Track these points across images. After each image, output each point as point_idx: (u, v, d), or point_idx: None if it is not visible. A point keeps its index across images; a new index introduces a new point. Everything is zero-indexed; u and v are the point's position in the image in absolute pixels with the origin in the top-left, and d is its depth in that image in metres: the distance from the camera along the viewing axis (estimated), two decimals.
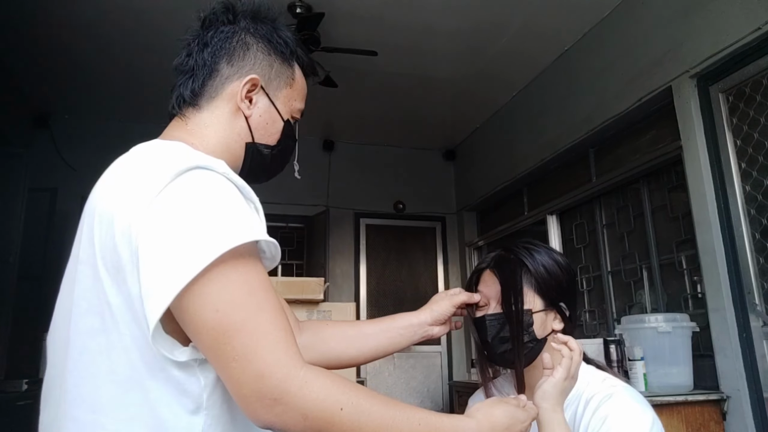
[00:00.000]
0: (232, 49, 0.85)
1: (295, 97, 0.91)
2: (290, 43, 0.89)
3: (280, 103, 0.88)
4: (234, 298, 0.64)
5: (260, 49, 0.86)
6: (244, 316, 0.64)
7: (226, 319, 0.63)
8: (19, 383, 3.44)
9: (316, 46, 3.27)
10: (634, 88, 2.97)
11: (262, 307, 0.65)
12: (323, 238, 4.78)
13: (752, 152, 2.42)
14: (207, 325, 0.63)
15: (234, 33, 0.85)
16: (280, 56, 0.88)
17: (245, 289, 0.65)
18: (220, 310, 0.63)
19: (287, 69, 0.89)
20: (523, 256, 1.11)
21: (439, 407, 4.88)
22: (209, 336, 0.64)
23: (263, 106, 0.86)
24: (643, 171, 3.07)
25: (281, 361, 0.63)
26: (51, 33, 3.37)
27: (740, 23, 2.37)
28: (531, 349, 1.05)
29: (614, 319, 3.26)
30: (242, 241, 0.66)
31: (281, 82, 0.88)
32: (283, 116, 0.88)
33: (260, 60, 0.86)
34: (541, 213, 4.01)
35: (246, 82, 0.84)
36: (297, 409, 0.62)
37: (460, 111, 4.57)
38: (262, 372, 0.62)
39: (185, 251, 0.64)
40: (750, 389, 2.30)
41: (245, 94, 0.84)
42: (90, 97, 4.23)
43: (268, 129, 0.87)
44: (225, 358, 0.63)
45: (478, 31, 3.41)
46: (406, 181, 5.22)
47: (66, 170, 4.33)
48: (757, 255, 2.38)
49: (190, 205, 0.67)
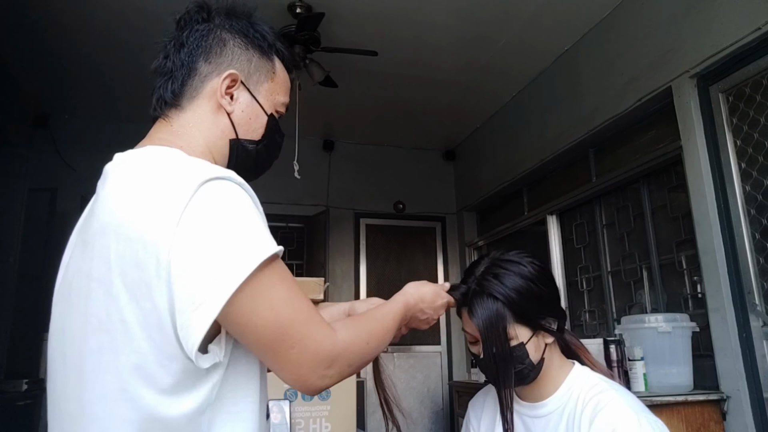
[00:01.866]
0: (208, 47, 0.85)
1: (278, 90, 0.90)
2: (268, 37, 0.89)
3: (262, 97, 0.87)
4: (283, 296, 0.72)
5: (237, 44, 0.86)
6: (294, 309, 0.72)
7: (282, 314, 0.71)
8: (19, 383, 3.44)
9: (316, 46, 3.27)
10: (634, 88, 2.97)
11: (301, 299, 0.74)
12: (323, 238, 4.78)
13: (752, 152, 2.42)
14: (266, 322, 0.70)
15: (209, 30, 0.86)
16: (258, 50, 0.88)
17: (286, 287, 0.73)
18: (274, 307, 0.71)
19: (267, 62, 0.88)
20: (493, 289, 1.05)
21: (439, 407, 4.88)
22: (268, 332, 0.70)
23: (245, 101, 0.86)
24: (643, 171, 3.07)
25: (327, 336, 0.74)
26: (51, 33, 3.37)
27: (740, 23, 2.37)
28: (531, 371, 1.05)
29: (614, 319, 3.26)
30: (275, 250, 0.73)
31: (262, 76, 0.88)
32: (266, 110, 0.88)
33: (238, 55, 0.86)
34: (541, 213, 4.01)
35: (225, 77, 0.84)
36: (345, 363, 0.76)
37: (460, 111, 4.57)
38: (317, 349, 0.72)
39: (228, 261, 0.68)
40: (750, 389, 2.30)
41: (225, 90, 0.84)
42: (90, 97, 4.23)
43: (252, 124, 0.86)
44: (284, 348, 0.71)
45: (479, 31, 3.41)
46: (406, 181, 5.22)
47: (66, 170, 4.33)
48: (757, 255, 2.38)
49: (221, 217, 0.70)
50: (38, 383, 3.72)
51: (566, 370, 1.10)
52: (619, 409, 0.98)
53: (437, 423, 4.84)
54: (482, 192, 4.74)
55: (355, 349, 0.79)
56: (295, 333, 0.71)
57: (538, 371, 1.05)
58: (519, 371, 1.04)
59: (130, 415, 0.69)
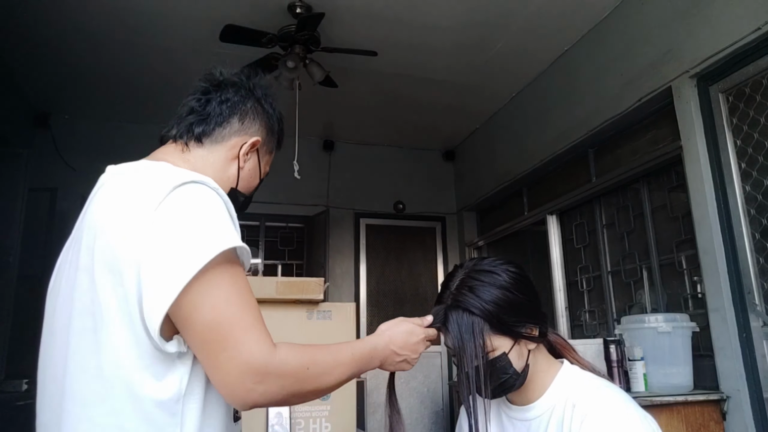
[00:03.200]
0: (246, 110, 1.00)
1: (270, 162, 1.09)
2: (280, 122, 1.08)
3: (263, 165, 1.05)
4: (227, 297, 0.75)
5: (263, 119, 1.03)
6: (234, 312, 0.75)
7: (220, 315, 0.74)
8: (19, 383, 3.44)
9: (316, 46, 3.27)
10: (634, 88, 2.97)
11: (247, 305, 0.76)
12: (323, 238, 4.78)
13: (752, 152, 2.42)
14: (204, 320, 0.74)
15: (249, 98, 1.01)
16: (270, 129, 1.05)
17: (234, 289, 0.76)
18: (216, 307, 0.74)
19: (272, 140, 1.07)
20: (469, 304, 1.02)
21: (439, 407, 4.88)
22: (203, 330, 0.74)
23: (253, 163, 1.02)
24: (643, 171, 3.07)
25: (263, 349, 0.74)
26: (51, 33, 3.37)
27: (740, 23, 2.37)
28: (517, 379, 1.04)
29: (614, 319, 3.26)
30: (229, 246, 0.77)
31: (267, 149, 1.06)
32: (261, 176, 1.05)
33: (262, 127, 1.03)
34: (541, 213, 4.01)
35: (253, 141, 1.00)
36: (277, 383, 0.74)
37: (460, 111, 4.57)
38: (247, 359, 0.72)
39: (182, 257, 0.74)
40: (750, 389, 2.30)
41: (248, 149, 1.00)
42: (90, 97, 4.23)
43: (249, 182, 1.03)
44: (215, 350, 0.73)
45: (479, 32, 3.41)
46: (406, 181, 5.22)
47: (66, 170, 4.33)
48: (757, 255, 2.38)
49: (185, 216, 0.78)
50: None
51: (554, 371, 1.09)
52: (609, 405, 0.98)
53: (437, 423, 4.84)
54: (482, 192, 4.74)
55: (291, 371, 0.76)
56: (230, 337, 0.73)
57: (524, 378, 1.04)
58: (504, 381, 1.02)
59: (105, 392, 0.75)
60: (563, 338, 1.18)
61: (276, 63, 3.30)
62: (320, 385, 0.82)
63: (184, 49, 3.57)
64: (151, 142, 3.50)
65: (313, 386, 0.81)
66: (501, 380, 1.02)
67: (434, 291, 5.12)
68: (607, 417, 0.97)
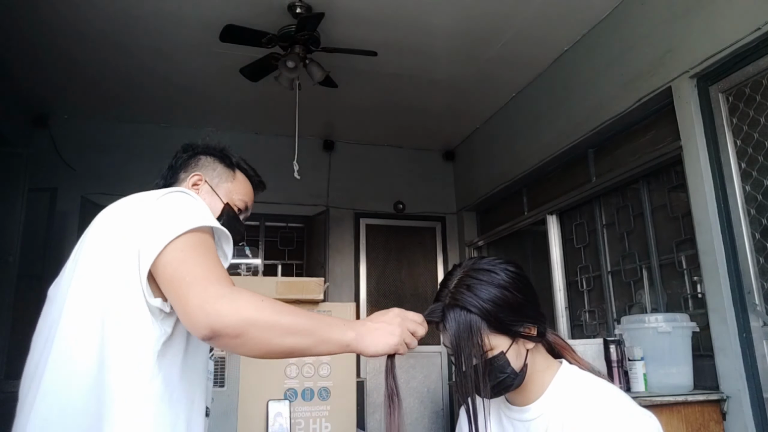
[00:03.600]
0: (187, 164, 1.27)
1: (236, 191, 1.26)
2: (233, 158, 1.29)
3: (221, 192, 1.24)
4: (194, 246, 0.92)
5: (207, 160, 1.27)
6: (198, 258, 0.90)
7: (186, 256, 0.90)
8: (19, 383, 3.44)
9: (316, 46, 3.27)
10: (634, 88, 2.97)
11: (209, 258, 0.92)
12: (323, 238, 4.78)
13: (752, 152, 2.42)
14: (174, 259, 0.90)
15: (191, 156, 1.28)
16: (223, 164, 1.27)
17: (201, 247, 0.93)
18: (183, 251, 0.90)
19: (228, 171, 1.27)
20: (467, 302, 1.02)
21: (439, 407, 4.88)
22: (174, 270, 0.89)
23: (205, 193, 1.22)
24: (642, 171, 3.07)
25: (217, 282, 0.87)
26: (51, 33, 3.37)
27: (740, 23, 2.37)
28: (515, 379, 1.04)
29: (614, 319, 3.26)
30: (205, 223, 0.96)
31: (223, 179, 1.26)
32: (222, 199, 1.23)
33: (205, 166, 1.26)
34: (541, 213, 4.01)
35: (191, 176, 1.23)
36: (230, 301, 0.84)
37: (459, 111, 4.57)
38: (204, 287, 0.85)
39: (168, 228, 0.92)
40: (750, 389, 2.30)
41: (191, 185, 1.22)
42: (89, 97, 4.23)
43: (211, 208, 1.12)
44: (180, 284, 0.87)
45: (479, 31, 3.41)
46: (406, 181, 5.22)
47: (66, 170, 4.33)
48: (757, 255, 2.38)
49: (175, 205, 0.99)
50: None
51: (552, 371, 1.08)
52: (611, 404, 0.99)
53: (437, 423, 4.84)
54: (482, 192, 4.74)
55: (245, 299, 0.85)
56: (191, 273, 0.88)
57: (522, 378, 1.04)
58: (502, 380, 1.02)
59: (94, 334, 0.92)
60: (562, 338, 1.17)
61: (276, 63, 3.30)
62: (281, 319, 0.86)
63: (184, 49, 3.57)
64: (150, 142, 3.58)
65: (272, 318, 0.85)
66: (499, 379, 1.02)
67: (434, 291, 5.10)
68: (609, 416, 0.97)
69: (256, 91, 3.82)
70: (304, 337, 0.87)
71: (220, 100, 4.29)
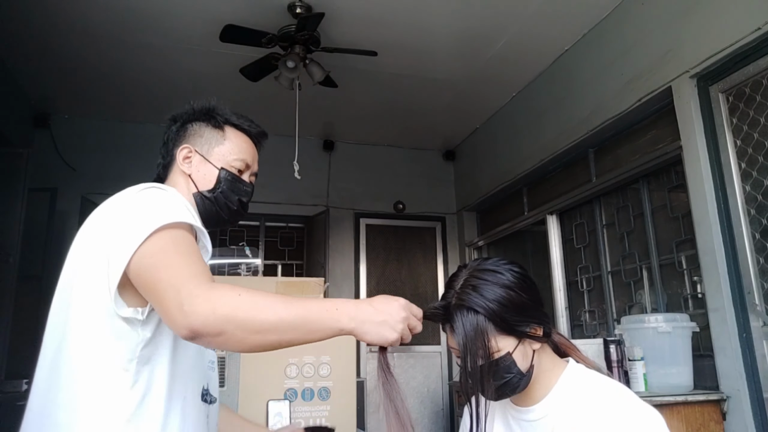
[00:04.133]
0: (178, 137, 1.19)
1: (231, 151, 1.17)
2: (219, 115, 1.20)
3: (213, 158, 1.16)
4: (164, 248, 0.90)
5: (194, 128, 1.19)
6: (170, 259, 0.88)
7: (156, 261, 0.88)
8: (19, 383, 3.44)
9: (316, 46, 3.27)
10: (634, 88, 2.97)
11: (182, 256, 0.90)
12: (323, 238, 4.78)
13: (752, 152, 2.42)
14: (145, 267, 0.89)
15: (178, 128, 1.21)
16: (210, 124, 1.19)
17: (172, 245, 0.91)
18: (154, 255, 0.89)
19: (216, 132, 1.18)
20: (473, 302, 1.02)
21: (439, 407, 4.88)
22: (148, 274, 0.88)
23: (197, 162, 1.15)
24: (643, 171, 3.07)
25: (192, 281, 0.85)
26: (51, 33, 3.37)
27: (740, 23, 2.37)
28: (521, 379, 1.03)
29: (614, 319, 3.26)
30: (173, 221, 0.93)
31: (213, 142, 1.17)
32: (216, 166, 1.15)
33: (192, 133, 1.18)
34: (541, 213, 4.01)
35: (180, 150, 1.16)
36: (206, 301, 0.82)
37: (460, 111, 4.57)
38: (179, 288, 0.84)
39: (133, 234, 0.91)
40: (750, 389, 2.30)
41: (182, 159, 1.16)
42: (90, 97, 4.23)
43: (206, 178, 1.14)
44: (156, 288, 0.87)
45: (479, 31, 3.41)
46: (406, 181, 5.22)
47: (66, 170, 4.33)
48: (757, 255, 2.38)
49: (140, 207, 0.96)
50: None
51: (559, 370, 1.09)
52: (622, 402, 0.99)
53: (437, 423, 4.85)
54: (482, 192, 4.74)
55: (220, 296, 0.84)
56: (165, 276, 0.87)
57: (528, 379, 1.04)
58: (508, 381, 1.02)
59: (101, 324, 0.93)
60: (567, 338, 1.18)
61: (276, 63, 3.30)
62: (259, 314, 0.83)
63: (184, 49, 3.57)
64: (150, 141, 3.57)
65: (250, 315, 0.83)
66: (505, 379, 1.02)
67: (434, 291, 5.12)
68: (617, 413, 0.97)
69: (256, 91, 3.82)
70: (289, 331, 0.85)
71: (221, 100, 4.28)
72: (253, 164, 1.20)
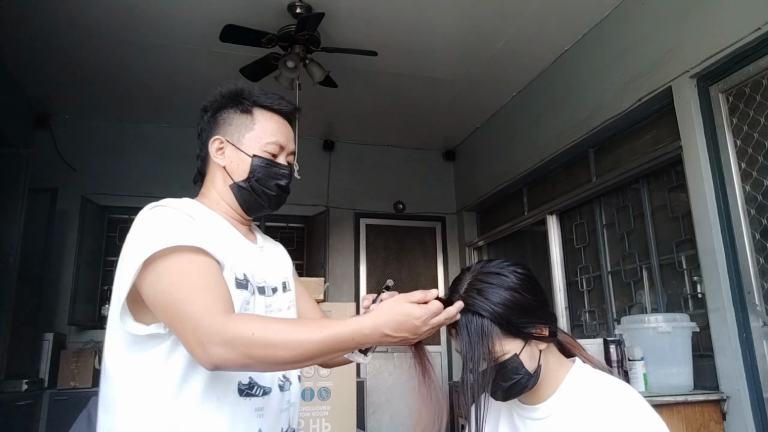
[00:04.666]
0: (209, 130, 1.15)
1: (261, 136, 1.13)
2: (246, 98, 1.14)
3: (245, 146, 1.12)
4: (172, 281, 0.91)
5: (222, 116, 1.15)
6: (178, 291, 0.90)
7: (169, 297, 0.90)
8: (19, 383, 3.44)
9: (316, 46, 3.27)
10: (634, 88, 2.97)
11: (190, 285, 0.90)
12: (323, 238, 4.78)
13: (752, 152, 2.42)
14: (159, 303, 0.91)
15: (208, 120, 1.17)
16: (238, 110, 1.14)
17: (179, 274, 0.91)
18: (164, 291, 0.91)
19: (246, 118, 1.14)
20: (479, 306, 1.02)
21: None
22: (162, 311, 0.91)
23: (230, 153, 1.12)
24: (643, 171, 3.07)
25: (206, 317, 0.87)
26: (51, 33, 3.37)
27: (740, 23, 2.37)
28: (529, 380, 1.03)
29: (614, 319, 3.26)
30: (170, 245, 0.92)
31: (243, 130, 1.13)
32: (248, 154, 1.12)
33: (221, 123, 1.14)
34: (541, 213, 4.01)
35: (212, 142, 1.13)
36: (222, 342, 0.84)
37: (460, 111, 4.57)
38: (194, 327, 0.86)
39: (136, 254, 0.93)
40: (750, 389, 2.30)
41: (215, 151, 1.13)
42: (90, 96, 4.23)
43: (240, 167, 1.12)
44: (176, 326, 0.89)
45: (479, 31, 3.41)
46: (406, 181, 5.22)
47: (66, 170, 4.33)
48: (757, 255, 2.38)
49: (145, 226, 0.98)
50: (38, 383, 3.72)
51: (565, 369, 1.09)
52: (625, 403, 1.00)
53: None
54: (482, 192, 4.74)
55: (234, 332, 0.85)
56: (182, 315, 0.88)
57: (536, 379, 1.04)
58: (516, 382, 1.02)
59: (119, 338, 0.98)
60: (572, 337, 1.18)
61: (276, 63, 3.30)
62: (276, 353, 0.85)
63: (184, 49, 3.57)
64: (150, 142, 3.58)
65: (267, 353, 0.85)
66: (513, 381, 1.02)
67: None
68: (621, 414, 0.97)
69: None
70: (307, 361, 0.89)
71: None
72: (287, 144, 1.15)
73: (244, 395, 1.00)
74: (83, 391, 3.61)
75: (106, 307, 4.35)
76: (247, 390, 1.01)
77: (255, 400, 1.02)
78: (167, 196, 1.07)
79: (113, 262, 4.53)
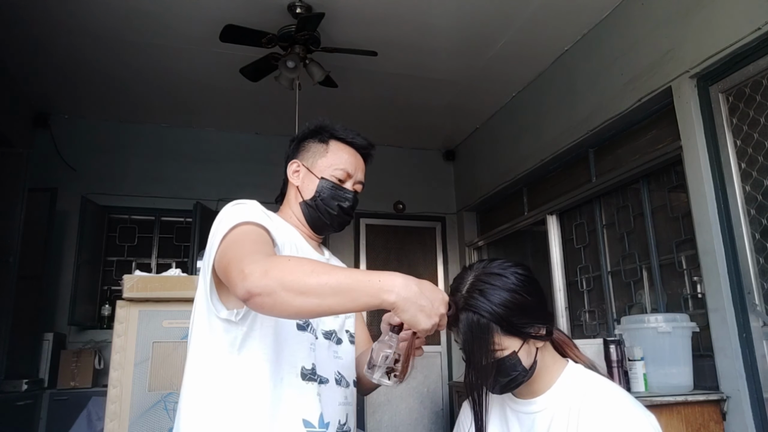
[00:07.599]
0: (292, 155, 1.33)
1: (333, 162, 1.28)
2: (326, 131, 1.32)
3: (316, 169, 1.28)
4: (233, 239, 1.04)
5: (305, 144, 1.32)
6: (236, 245, 1.02)
7: (228, 246, 1.02)
8: (19, 383, 3.44)
9: (316, 46, 3.27)
10: (634, 88, 2.97)
11: (247, 241, 1.03)
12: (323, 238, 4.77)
13: (752, 152, 2.42)
14: (221, 254, 1.03)
15: (296, 146, 1.34)
16: (317, 140, 1.31)
17: (240, 237, 1.04)
18: (225, 247, 1.03)
19: (321, 146, 1.30)
20: (480, 307, 1.04)
21: (439, 407, 4.88)
22: (223, 259, 1.01)
23: (304, 174, 1.29)
24: (643, 171, 3.07)
25: (254, 254, 0.97)
26: (51, 33, 3.37)
27: (740, 23, 2.37)
28: (525, 376, 1.07)
29: (614, 319, 3.26)
30: (242, 220, 1.07)
31: (317, 156, 1.29)
32: (317, 176, 1.27)
33: (301, 151, 1.31)
34: (541, 213, 4.01)
35: (290, 165, 1.31)
36: (261, 270, 0.91)
37: (460, 111, 4.57)
38: (241, 259, 0.96)
39: (215, 237, 1.08)
40: (750, 389, 2.30)
41: (292, 173, 1.30)
42: (90, 97, 4.23)
43: (309, 187, 1.27)
44: (227, 267, 0.98)
45: (479, 31, 3.41)
46: (406, 181, 5.22)
47: (66, 170, 4.33)
48: (757, 255, 2.38)
49: (225, 215, 1.11)
50: (38, 383, 3.72)
51: (559, 368, 1.12)
52: (615, 404, 1.02)
53: (437, 423, 4.84)
54: (482, 192, 4.74)
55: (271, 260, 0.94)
56: (232, 254, 0.99)
57: (531, 374, 1.08)
58: (513, 378, 1.06)
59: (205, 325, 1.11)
60: (566, 334, 1.21)
61: (276, 63, 3.30)
62: (308, 278, 0.90)
63: (184, 49, 3.57)
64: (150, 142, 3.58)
65: (297, 277, 0.90)
66: (510, 377, 1.06)
67: None
68: (611, 413, 1.00)
69: (256, 91, 3.82)
70: (331, 295, 0.90)
71: (221, 100, 4.29)
72: (355, 173, 1.30)
73: (307, 379, 1.10)
74: (83, 391, 3.61)
75: (106, 307, 4.41)
76: (310, 375, 1.11)
77: (315, 385, 1.10)
78: (167, 196, 1.09)
79: (113, 262, 4.54)
